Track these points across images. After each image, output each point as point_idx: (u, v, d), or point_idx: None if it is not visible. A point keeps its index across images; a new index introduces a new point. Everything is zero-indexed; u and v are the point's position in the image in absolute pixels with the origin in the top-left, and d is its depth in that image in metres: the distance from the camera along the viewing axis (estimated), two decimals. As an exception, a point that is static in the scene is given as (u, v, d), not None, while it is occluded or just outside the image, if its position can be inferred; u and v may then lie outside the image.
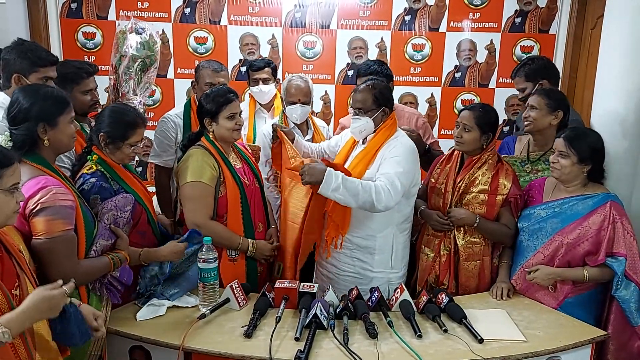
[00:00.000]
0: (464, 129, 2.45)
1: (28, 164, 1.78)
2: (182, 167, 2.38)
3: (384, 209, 2.31)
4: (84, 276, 1.85)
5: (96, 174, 2.09)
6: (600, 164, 2.32)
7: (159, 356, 1.98)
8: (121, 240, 2.01)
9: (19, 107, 1.78)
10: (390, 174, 2.33)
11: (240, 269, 2.47)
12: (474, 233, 2.47)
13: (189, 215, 2.36)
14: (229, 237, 2.41)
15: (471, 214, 2.44)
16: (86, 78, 2.53)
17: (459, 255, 2.47)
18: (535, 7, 3.89)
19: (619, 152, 2.70)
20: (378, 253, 2.50)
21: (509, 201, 2.45)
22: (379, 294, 2.18)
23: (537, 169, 2.65)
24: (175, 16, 3.91)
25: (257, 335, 1.97)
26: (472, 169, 2.46)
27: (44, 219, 1.70)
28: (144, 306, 2.13)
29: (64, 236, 1.74)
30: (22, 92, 1.83)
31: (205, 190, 2.35)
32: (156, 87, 3.99)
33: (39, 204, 1.70)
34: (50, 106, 1.82)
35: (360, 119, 2.46)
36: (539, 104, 2.57)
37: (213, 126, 2.42)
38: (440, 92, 4.07)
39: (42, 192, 1.72)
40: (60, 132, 1.85)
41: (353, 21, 3.94)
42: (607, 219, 2.23)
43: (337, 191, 2.26)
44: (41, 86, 1.86)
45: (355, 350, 1.86)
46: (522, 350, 1.93)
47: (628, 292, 2.22)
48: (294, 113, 2.97)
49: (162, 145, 3.01)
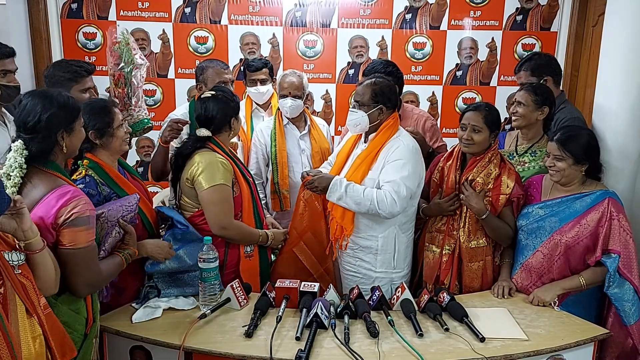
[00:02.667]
0: (474, 131, 2.39)
1: (47, 172, 1.73)
2: (198, 172, 2.30)
3: (390, 216, 2.37)
4: (106, 279, 1.90)
5: (84, 179, 2.05)
6: (596, 160, 2.31)
7: (160, 356, 1.97)
8: (129, 235, 2.02)
9: (39, 116, 1.71)
10: (396, 181, 2.35)
11: (255, 263, 2.50)
12: (477, 234, 2.45)
13: (215, 219, 2.33)
14: (251, 232, 2.45)
15: (483, 205, 2.40)
16: (85, 76, 2.54)
17: (462, 255, 2.46)
18: (537, 4, 3.88)
19: (620, 150, 2.70)
20: (381, 253, 2.50)
21: (511, 201, 2.44)
22: (380, 293, 2.18)
23: (524, 161, 2.67)
24: (175, 16, 3.91)
25: (258, 334, 1.97)
26: (475, 167, 2.45)
27: (77, 229, 1.68)
28: (140, 308, 2.12)
29: (89, 247, 1.73)
30: (36, 98, 1.75)
31: (227, 192, 2.34)
32: (157, 87, 4.00)
33: (73, 214, 1.66)
34: (68, 112, 1.78)
35: (357, 112, 2.48)
36: (526, 100, 2.59)
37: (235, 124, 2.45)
38: (441, 91, 4.06)
39: (73, 202, 1.67)
40: (76, 137, 1.83)
41: (354, 20, 3.94)
42: (605, 215, 2.23)
43: (341, 200, 2.39)
44: (51, 91, 1.80)
45: (356, 350, 1.85)
46: (524, 349, 1.93)
47: (621, 291, 2.21)
48: (284, 106, 2.97)
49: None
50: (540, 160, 2.59)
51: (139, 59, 2.69)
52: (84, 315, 1.82)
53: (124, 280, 2.15)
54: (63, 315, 1.70)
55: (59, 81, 2.49)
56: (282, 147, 3.01)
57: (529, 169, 2.64)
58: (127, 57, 2.65)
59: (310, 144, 3.07)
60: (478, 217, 2.41)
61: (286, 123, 3.04)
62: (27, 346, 1.47)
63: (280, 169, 3.00)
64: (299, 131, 3.07)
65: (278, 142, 3.01)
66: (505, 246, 2.51)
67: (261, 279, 2.50)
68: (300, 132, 3.07)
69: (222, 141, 2.42)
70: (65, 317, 1.70)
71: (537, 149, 2.63)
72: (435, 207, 2.53)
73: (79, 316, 1.79)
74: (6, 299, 1.43)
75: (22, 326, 1.47)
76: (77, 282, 1.72)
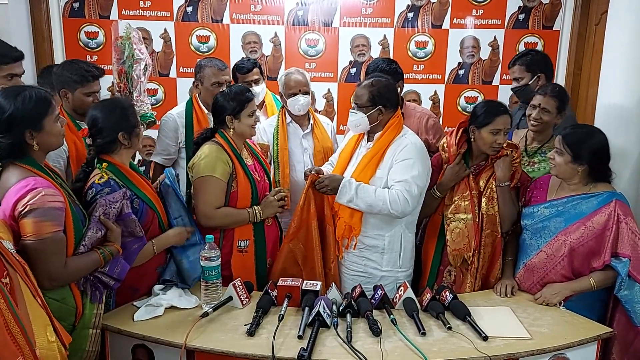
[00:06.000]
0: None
1: (17, 165, 1.76)
2: (196, 161, 2.42)
3: (402, 215, 2.38)
4: (72, 274, 1.83)
5: (109, 183, 2.05)
6: (603, 163, 2.28)
7: (162, 355, 1.97)
8: (111, 232, 1.96)
9: (1, 115, 1.74)
10: (407, 180, 2.36)
11: (250, 260, 2.50)
12: (491, 201, 2.43)
13: (199, 207, 2.42)
14: (238, 213, 2.46)
15: (508, 174, 2.41)
16: (92, 81, 2.53)
17: (483, 220, 2.44)
18: (539, 3, 3.88)
19: (623, 149, 2.68)
20: (387, 252, 2.51)
21: (516, 187, 2.47)
22: (383, 292, 2.17)
23: (534, 162, 2.67)
24: (177, 15, 3.91)
25: (260, 333, 1.96)
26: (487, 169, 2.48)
27: (33, 220, 1.69)
28: (142, 306, 2.11)
29: (52, 237, 1.73)
30: (1, 97, 1.77)
31: (217, 184, 2.40)
32: (158, 86, 4.00)
33: (27, 206, 1.69)
34: (32, 110, 1.77)
35: (357, 113, 2.49)
36: (552, 107, 2.58)
37: (234, 123, 2.46)
38: (443, 90, 4.06)
39: (31, 193, 1.70)
40: (47, 133, 1.82)
41: (355, 19, 3.93)
42: (612, 218, 2.21)
43: (352, 202, 2.39)
44: (19, 89, 1.80)
45: (359, 348, 1.84)
46: (527, 348, 1.92)
47: (631, 292, 2.19)
48: (296, 104, 2.95)
49: (162, 144, 3.02)
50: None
51: (139, 53, 2.70)
52: (72, 306, 1.82)
53: (136, 281, 2.16)
54: (49, 305, 1.70)
55: (65, 81, 2.50)
56: (284, 146, 3.00)
57: (538, 169, 2.62)
58: (128, 52, 2.68)
59: (313, 143, 3.06)
60: (498, 183, 2.42)
61: (289, 121, 3.03)
62: (40, 336, 1.48)
63: (282, 167, 2.99)
64: (302, 130, 3.06)
65: (280, 141, 3.00)
66: (505, 229, 2.48)
67: (257, 277, 2.50)
68: (303, 130, 3.06)
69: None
70: (50, 307, 1.69)
71: (547, 149, 2.60)
72: (449, 172, 2.49)
73: (65, 306, 1.80)
74: (13, 288, 1.45)
75: (33, 316, 1.49)
76: (37, 273, 1.70)
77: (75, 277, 1.86)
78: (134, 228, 2.05)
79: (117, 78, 2.77)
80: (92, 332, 1.90)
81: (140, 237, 2.09)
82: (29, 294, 1.52)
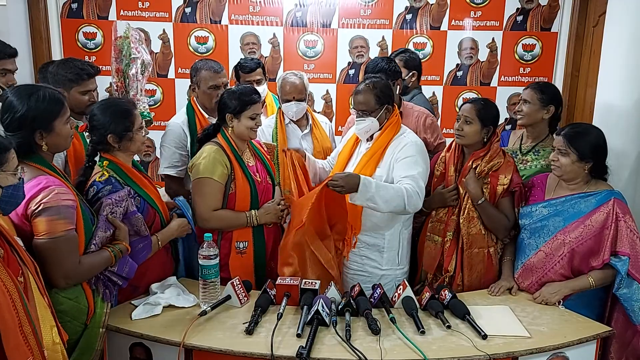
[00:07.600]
0: (465, 122, 2.44)
1: (28, 165, 1.76)
2: (195, 162, 2.42)
3: (414, 210, 2.38)
4: (86, 273, 1.85)
5: (110, 180, 2.05)
6: (603, 160, 2.29)
7: (160, 353, 1.96)
8: (119, 230, 1.98)
9: (13, 114, 1.73)
10: (414, 175, 2.36)
11: (248, 261, 2.49)
12: (476, 220, 2.43)
13: (197, 209, 2.42)
14: (236, 216, 2.45)
15: (480, 190, 2.41)
16: (87, 80, 2.50)
17: (464, 242, 2.44)
18: (537, 5, 3.89)
19: (621, 150, 2.69)
20: (387, 250, 2.51)
21: (511, 192, 2.44)
22: (382, 291, 2.17)
23: (526, 160, 2.68)
24: (175, 16, 3.91)
25: (259, 332, 1.96)
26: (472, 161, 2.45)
27: (47, 219, 1.69)
28: (140, 305, 2.11)
29: (66, 236, 1.73)
30: (14, 96, 1.77)
31: (215, 187, 2.40)
32: (157, 87, 3.99)
33: (41, 204, 1.69)
34: (44, 111, 1.78)
35: (365, 120, 2.47)
36: (532, 98, 2.61)
37: (234, 122, 2.45)
38: (441, 91, 4.06)
39: (44, 192, 1.70)
40: (57, 135, 1.83)
41: (354, 20, 3.94)
42: (611, 217, 2.21)
43: (371, 200, 2.28)
44: (33, 88, 1.80)
45: (358, 347, 1.84)
46: (526, 346, 1.91)
47: (630, 291, 2.19)
48: (289, 111, 2.95)
49: (173, 155, 2.83)
50: (542, 159, 2.59)
51: (135, 52, 2.69)
52: (85, 305, 1.81)
53: (137, 279, 2.15)
54: (61, 304, 1.69)
55: (61, 80, 2.47)
56: (284, 147, 2.99)
57: (530, 167, 2.63)
58: (126, 51, 2.68)
59: (312, 144, 3.06)
60: (474, 203, 2.41)
61: (288, 122, 3.02)
62: (47, 337, 1.49)
63: (282, 168, 2.98)
64: (300, 130, 3.05)
65: (279, 142, 2.99)
66: (501, 238, 2.49)
67: (257, 278, 2.48)
68: (302, 131, 3.05)
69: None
70: (63, 306, 1.69)
71: (540, 148, 2.63)
72: (438, 196, 2.52)
73: (78, 305, 1.79)
74: (27, 287, 1.46)
75: (41, 316, 1.49)
76: (52, 273, 1.71)
77: (89, 276, 1.87)
78: (140, 226, 2.07)
79: (115, 77, 2.76)
80: (102, 332, 1.90)
81: (146, 236, 2.10)
82: (38, 293, 1.52)
